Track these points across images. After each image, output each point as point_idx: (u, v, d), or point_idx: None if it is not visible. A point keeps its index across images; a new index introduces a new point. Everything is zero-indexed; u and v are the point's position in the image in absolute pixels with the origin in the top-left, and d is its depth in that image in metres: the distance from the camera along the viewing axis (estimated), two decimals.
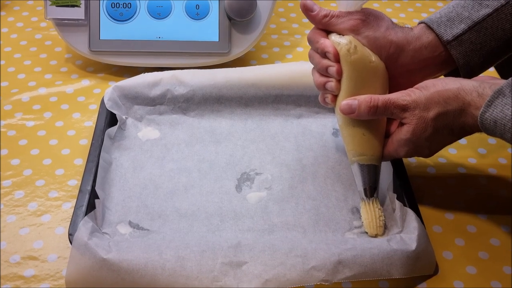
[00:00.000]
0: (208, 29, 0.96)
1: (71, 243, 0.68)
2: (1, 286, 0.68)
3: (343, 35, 0.73)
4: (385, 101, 0.70)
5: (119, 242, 0.68)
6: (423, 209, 0.76)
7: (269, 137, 0.87)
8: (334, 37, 0.73)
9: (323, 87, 0.74)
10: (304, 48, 1.07)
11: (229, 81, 0.89)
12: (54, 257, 0.71)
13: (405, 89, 0.71)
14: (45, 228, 0.75)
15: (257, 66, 0.91)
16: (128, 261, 0.65)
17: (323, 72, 0.74)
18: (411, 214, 0.71)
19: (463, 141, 0.87)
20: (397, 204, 0.73)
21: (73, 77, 0.99)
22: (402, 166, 0.79)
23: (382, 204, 0.75)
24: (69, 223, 0.71)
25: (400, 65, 0.73)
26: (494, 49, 0.72)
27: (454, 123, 0.68)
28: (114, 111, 0.86)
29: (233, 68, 0.90)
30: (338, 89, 0.73)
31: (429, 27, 0.73)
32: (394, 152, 0.73)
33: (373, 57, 0.72)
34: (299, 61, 1.02)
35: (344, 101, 0.72)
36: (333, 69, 0.72)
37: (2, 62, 1.02)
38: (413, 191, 0.76)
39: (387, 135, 0.74)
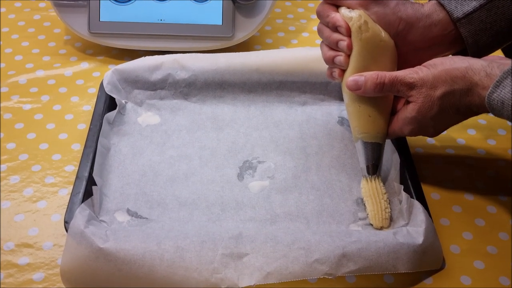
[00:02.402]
0: (211, 12, 0.94)
1: (67, 231, 0.66)
2: None
3: (352, 10, 0.72)
4: (392, 78, 0.69)
5: (116, 231, 0.66)
6: (430, 201, 0.74)
7: (273, 125, 0.85)
8: (344, 11, 0.73)
9: (331, 61, 0.74)
10: (310, 34, 1.05)
11: (232, 66, 0.87)
12: (49, 245, 0.70)
13: (413, 66, 0.70)
14: (40, 214, 0.73)
15: (261, 51, 0.90)
16: (126, 251, 0.63)
17: (333, 46, 0.73)
18: (418, 206, 0.69)
19: (472, 131, 0.86)
20: (404, 195, 0.72)
21: (72, 59, 0.98)
22: (410, 157, 0.77)
23: (388, 196, 0.74)
24: (65, 210, 0.69)
25: (409, 42, 0.73)
26: (504, 29, 0.71)
27: (460, 102, 0.67)
28: (114, 95, 0.84)
29: (237, 53, 0.89)
30: (347, 64, 0.73)
31: (440, 4, 0.72)
32: (398, 130, 0.72)
33: (383, 34, 0.72)
34: (304, 46, 1.01)
35: (350, 77, 0.71)
36: (343, 43, 0.72)
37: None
38: (420, 182, 0.74)
39: (393, 112, 0.74)
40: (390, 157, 0.77)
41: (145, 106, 0.86)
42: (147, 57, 0.88)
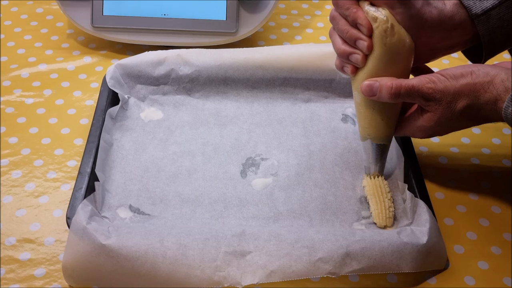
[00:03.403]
0: (216, 7, 0.94)
1: (69, 227, 0.66)
2: None
3: (376, 7, 0.67)
4: (408, 87, 0.67)
5: (119, 227, 0.65)
6: (434, 201, 0.74)
7: (276, 121, 0.84)
8: (368, 7, 0.67)
9: (346, 57, 0.70)
10: (314, 30, 1.05)
11: (235, 62, 0.86)
12: (51, 241, 0.69)
13: (422, 61, 0.70)
14: (42, 210, 0.73)
15: (265, 47, 0.89)
16: (128, 247, 0.62)
17: (349, 41, 0.69)
18: (422, 205, 0.69)
19: (477, 130, 0.85)
20: (408, 194, 0.71)
21: (75, 53, 0.97)
22: (414, 156, 0.76)
23: (392, 194, 0.74)
24: (67, 205, 0.69)
25: (426, 43, 0.70)
26: None
27: (479, 114, 0.66)
28: (116, 90, 0.83)
29: (240, 49, 0.88)
30: (364, 64, 0.69)
31: (460, 2, 0.69)
32: (410, 134, 0.72)
33: (408, 40, 0.68)
34: (308, 42, 1.01)
35: (365, 82, 0.69)
36: (363, 43, 0.68)
37: (2, 36, 1.00)
38: (424, 181, 0.73)
39: (402, 112, 0.72)
40: (395, 156, 0.77)
41: (148, 101, 0.86)
42: (150, 52, 0.87)
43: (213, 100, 0.87)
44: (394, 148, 0.77)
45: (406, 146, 0.77)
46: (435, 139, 0.83)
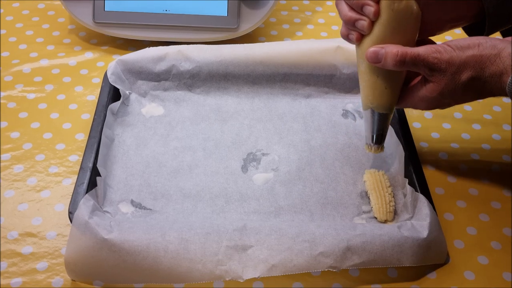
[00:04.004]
0: (217, 3, 0.94)
1: (71, 221, 0.66)
2: None
3: None
4: (413, 55, 0.66)
5: (120, 222, 0.66)
6: (434, 196, 0.74)
7: (277, 117, 0.84)
8: None
9: (352, 24, 0.69)
10: (315, 26, 1.05)
11: (236, 57, 0.86)
12: (53, 235, 0.70)
13: (427, 33, 0.69)
14: (44, 204, 0.73)
15: (265, 43, 0.89)
16: (130, 242, 0.63)
17: (356, 7, 0.68)
18: (423, 200, 0.69)
19: (477, 126, 0.85)
20: (409, 189, 0.72)
21: (76, 49, 0.97)
22: (414, 151, 0.77)
23: (393, 189, 0.74)
24: (69, 199, 0.69)
25: (433, 13, 0.69)
26: None
27: (484, 87, 0.65)
28: (118, 86, 0.84)
29: (241, 45, 0.88)
30: (370, 30, 0.69)
31: None
32: (412, 105, 0.71)
33: (415, 7, 0.67)
34: (309, 38, 1.01)
35: (371, 49, 0.68)
36: (370, 9, 0.67)
37: (3, 32, 1.00)
38: (425, 176, 0.74)
39: (405, 82, 0.71)
40: (395, 151, 0.77)
41: (149, 97, 0.86)
42: (151, 48, 0.87)
43: (214, 95, 0.87)
44: (394, 143, 0.78)
45: (407, 141, 0.77)
46: (436, 135, 0.84)
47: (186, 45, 0.88)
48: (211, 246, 0.63)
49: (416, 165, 0.75)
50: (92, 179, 0.71)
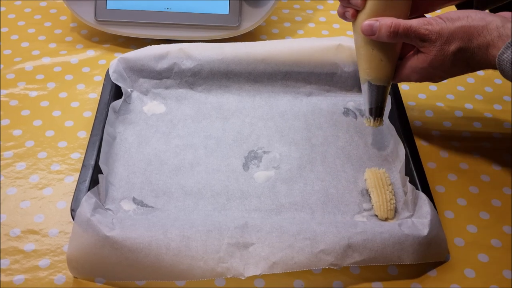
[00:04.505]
0: (218, 1, 0.94)
1: (73, 219, 0.66)
2: (0, 260, 0.67)
3: None
4: (406, 27, 0.69)
5: (122, 220, 0.66)
6: (435, 194, 0.74)
7: (278, 115, 0.85)
8: None
9: (347, 1, 0.73)
10: (316, 24, 1.05)
11: (238, 56, 0.86)
12: (55, 232, 0.70)
13: (420, 11, 0.72)
14: (46, 201, 0.73)
15: (267, 42, 0.89)
16: (132, 239, 0.63)
17: None
18: (423, 198, 0.69)
19: (477, 124, 0.86)
20: (409, 187, 0.72)
21: (78, 47, 0.97)
22: (415, 149, 0.77)
23: (393, 187, 0.74)
24: (71, 197, 0.70)
25: None
26: None
27: (472, 59, 0.68)
28: (119, 84, 0.84)
29: (243, 43, 0.88)
30: (363, 5, 0.72)
31: None
32: (406, 77, 0.73)
33: None
34: (310, 37, 1.01)
35: (366, 22, 0.71)
36: None
37: (5, 30, 1.00)
38: (425, 174, 0.74)
39: (401, 57, 0.74)
40: (396, 149, 0.78)
41: (151, 95, 0.86)
42: (153, 46, 0.88)
43: (215, 93, 0.87)
44: (395, 141, 0.78)
45: (407, 139, 0.78)
46: (437, 133, 0.84)
47: (187, 43, 0.88)
48: (213, 244, 0.64)
49: (417, 163, 0.75)
50: (94, 176, 0.71)
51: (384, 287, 0.66)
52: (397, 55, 0.74)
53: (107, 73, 0.85)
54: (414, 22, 0.69)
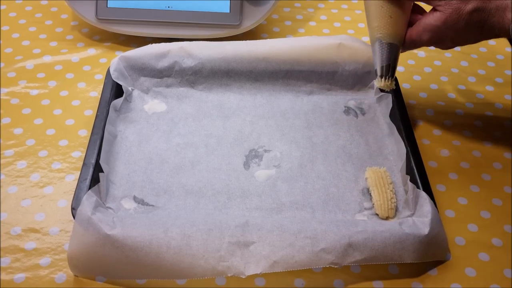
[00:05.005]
0: (219, 0, 0.94)
1: (74, 217, 0.66)
2: (1, 259, 0.67)
3: None
4: None
5: (123, 218, 0.66)
6: (435, 193, 0.74)
7: (279, 114, 0.85)
8: None
9: None
10: (317, 23, 1.05)
11: (238, 54, 0.86)
12: (56, 230, 0.70)
13: None
14: (47, 200, 0.73)
15: (268, 40, 0.89)
16: (133, 238, 0.63)
17: None
18: (424, 197, 0.69)
19: (478, 123, 0.85)
20: (410, 186, 0.72)
21: (79, 45, 0.97)
22: (416, 147, 0.77)
23: (394, 186, 0.74)
24: (72, 195, 0.70)
25: None
26: None
27: (487, 21, 0.67)
28: (120, 82, 0.84)
29: (243, 41, 0.88)
30: None
31: None
32: (417, 36, 0.73)
33: None
34: (311, 35, 1.01)
35: None
36: None
37: (6, 28, 1.00)
38: (426, 173, 0.74)
39: (410, 25, 0.74)
40: (397, 148, 0.78)
41: (152, 93, 0.86)
42: (153, 44, 0.88)
43: (216, 92, 0.87)
44: (396, 140, 0.78)
45: (408, 138, 0.78)
46: (438, 132, 0.84)
47: (188, 42, 0.88)
48: (213, 242, 0.64)
49: (418, 162, 0.75)
50: (94, 175, 0.71)
51: (384, 286, 0.66)
52: (408, 15, 0.74)
53: (108, 71, 0.85)
54: None
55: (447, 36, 0.71)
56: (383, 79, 0.74)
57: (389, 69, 0.74)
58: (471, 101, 0.89)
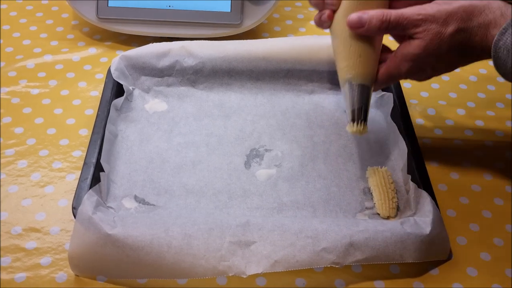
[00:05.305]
0: None
1: (75, 217, 0.66)
2: (1, 258, 0.67)
3: None
4: (397, 16, 0.66)
5: (124, 218, 0.66)
6: (437, 192, 0.74)
7: (280, 113, 0.85)
8: None
9: (321, 3, 0.71)
10: None
11: (239, 53, 0.86)
12: (56, 230, 0.70)
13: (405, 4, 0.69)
14: (48, 199, 0.73)
15: (269, 39, 0.89)
16: (134, 237, 0.63)
17: None
18: (425, 196, 0.69)
19: (480, 122, 0.85)
20: (411, 185, 0.72)
21: (80, 44, 0.97)
22: (417, 147, 0.77)
23: (395, 185, 0.74)
24: (72, 195, 0.70)
25: None
26: None
27: (469, 41, 0.65)
28: (121, 82, 0.84)
29: (244, 41, 0.88)
30: (339, 3, 0.70)
31: None
32: (395, 68, 0.69)
33: None
34: (312, 34, 1.00)
35: (354, 14, 0.68)
36: None
37: (7, 27, 1.00)
38: (427, 173, 0.74)
39: (380, 62, 0.71)
40: (398, 147, 0.77)
41: (153, 93, 0.86)
42: (154, 43, 0.87)
43: (217, 91, 0.87)
44: (397, 139, 0.78)
45: (410, 137, 0.77)
46: (439, 131, 0.84)
47: (189, 41, 0.88)
48: (214, 242, 0.64)
49: (419, 161, 0.75)
50: (95, 174, 0.71)
51: (386, 286, 0.66)
52: (378, 53, 0.71)
53: (109, 71, 0.85)
54: (405, 10, 0.66)
55: (428, 64, 0.68)
56: (355, 123, 0.71)
57: (361, 112, 0.70)
58: (472, 100, 0.89)
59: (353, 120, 0.71)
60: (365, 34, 0.68)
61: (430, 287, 0.66)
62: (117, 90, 0.83)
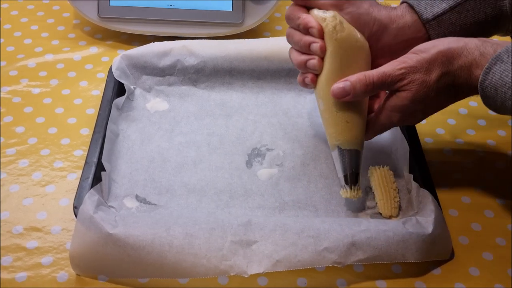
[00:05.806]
0: None
1: (76, 216, 0.66)
2: (2, 258, 0.66)
3: (324, 10, 0.70)
4: (380, 75, 0.66)
5: (125, 217, 0.66)
6: (439, 192, 0.73)
7: (281, 112, 0.84)
8: (317, 12, 0.70)
9: (304, 66, 0.71)
10: None
11: (241, 53, 0.86)
12: (57, 229, 0.70)
13: (386, 58, 0.69)
14: (49, 199, 0.73)
15: (270, 38, 0.89)
16: (135, 237, 0.63)
17: (305, 49, 0.70)
18: (427, 196, 0.69)
19: (482, 122, 0.85)
20: (414, 185, 0.72)
21: (81, 44, 0.97)
22: (419, 146, 0.77)
23: (397, 185, 0.74)
24: (74, 194, 0.69)
25: (382, 45, 0.71)
26: (473, 33, 0.70)
27: (454, 82, 0.65)
28: (122, 81, 0.84)
29: (246, 40, 0.88)
30: (321, 68, 0.70)
31: (410, 6, 0.71)
32: (386, 119, 0.69)
33: (359, 35, 0.70)
34: None
35: (335, 85, 0.68)
36: (316, 45, 0.69)
37: (8, 26, 0.99)
38: (429, 172, 0.73)
39: (370, 112, 0.72)
40: (400, 146, 0.77)
41: (154, 92, 0.86)
42: (156, 43, 0.88)
43: (219, 91, 0.87)
44: (399, 139, 0.77)
45: (412, 137, 0.77)
46: (441, 131, 0.84)
47: (190, 40, 0.88)
48: (216, 241, 0.63)
49: (421, 160, 0.75)
50: (97, 174, 0.71)
51: (388, 285, 0.66)
52: (365, 115, 0.71)
53: (110, 70, 0.84)
54: (386, 67, 0.66)
55: (418, 111, 0.68)
56: (348, 189, 0.70)
57: (354, 177, 0.71)
58: (474, 99, 0.89)
59: (346, 184, 0.71)
60: (351, 101, 0.69)
61: (432, 287, 0.66)
62: (119, 89, 0.83)
